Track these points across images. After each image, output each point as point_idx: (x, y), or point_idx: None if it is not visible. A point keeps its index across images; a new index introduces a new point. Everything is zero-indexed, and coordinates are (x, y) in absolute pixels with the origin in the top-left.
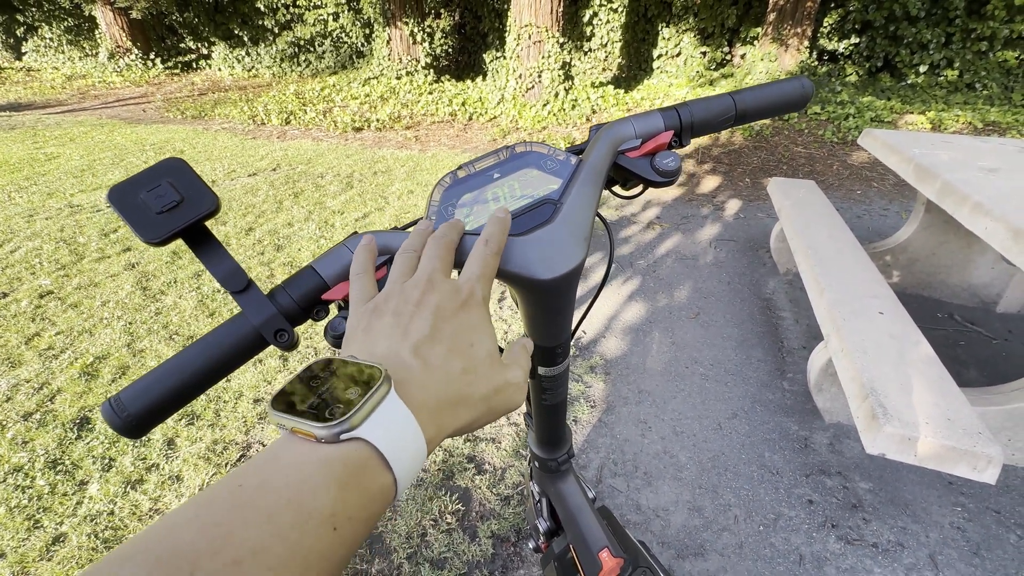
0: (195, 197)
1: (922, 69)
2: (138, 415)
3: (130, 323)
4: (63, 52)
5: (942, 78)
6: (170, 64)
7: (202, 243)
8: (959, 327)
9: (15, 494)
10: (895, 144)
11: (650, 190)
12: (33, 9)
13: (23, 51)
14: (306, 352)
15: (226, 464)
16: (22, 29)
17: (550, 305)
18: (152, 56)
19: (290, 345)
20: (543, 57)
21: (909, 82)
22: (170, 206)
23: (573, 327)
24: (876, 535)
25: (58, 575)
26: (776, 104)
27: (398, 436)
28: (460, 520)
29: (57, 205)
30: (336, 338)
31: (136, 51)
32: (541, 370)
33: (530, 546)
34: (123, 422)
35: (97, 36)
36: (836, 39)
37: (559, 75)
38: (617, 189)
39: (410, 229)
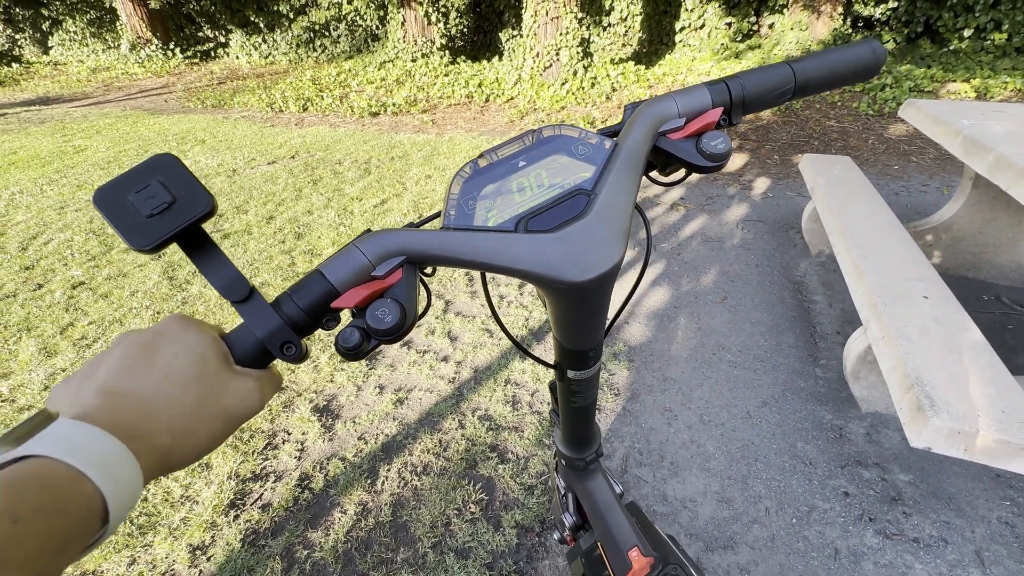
0: (188, 197)
1: (967, 33)
2: None
3: (158, 312)
4: (87, 45)
5: (989, 42)
6: (189, 53)
7: (198, 248)
8: (1007, 310)
9: None
10: (940, 115)
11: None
12: (57, 3)
13: (49, 45)
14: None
15: (252, 452)
16: (47, 24)
17: (583, 308)
18: (172, 46)
19: (298, 358)
20: (561, 34)
21: (952, 48)
22: (161, 208)
23: (606, 327)
24: (917, 529)
25: (96, 560)
26: (842, 73)
27: (83, 447)
28: (484, 509)
29: (86, 197)
30: (348, 350)
31: (156, 41)
32: (571, 373)
33: (555, 537)
34: None
35: (118, 28)
36: (872, 4)
37: (578, 52)
38: (655, 175)
39: (426, 226)
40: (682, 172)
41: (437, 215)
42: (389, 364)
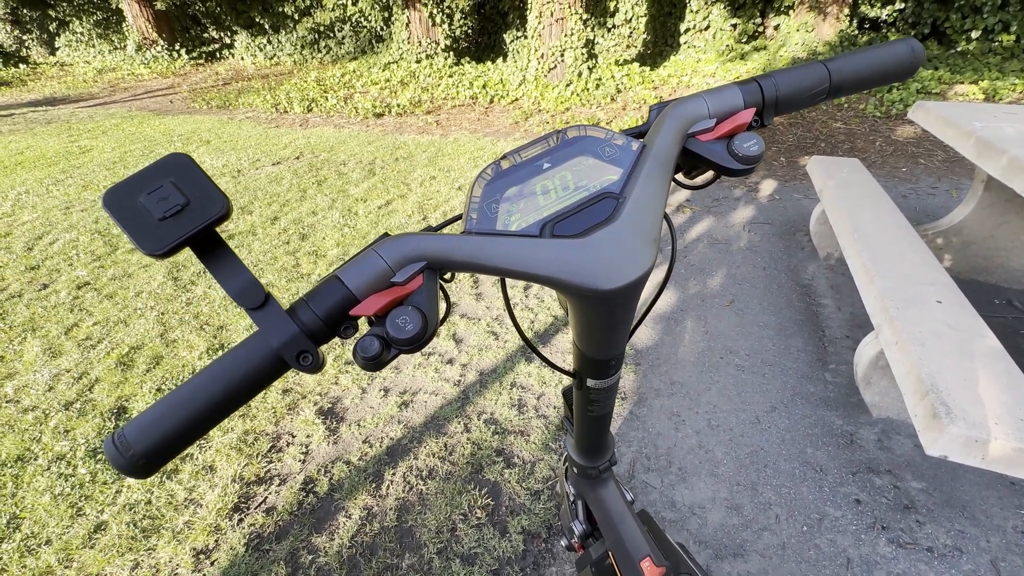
0: (202, 199)
1: (974, 35)
2: (145, 453)
3: (162, 313)
4: (93, 46)
5: (996, 44)
6: (195, 55)
7: (212, 252)
8: (1019, 314)
9: (59, 482)
10: (952, 117)
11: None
12: (64, 4)
13: (56, 46)
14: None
15: (256, 455)
16: (54, 24)
17: (608, 317)
18: (177, 47)
19: (315, 368)
20: (565, 35)
21: (959, 49)
22: (174, 210)
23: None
24: (931, 538)
25: (100, 563)
26: (879, 72)
27: None
28: (490, 515)
29: (91, 197)
30: (368, 360)
31: (162, 42)
32: (591, 382)
33: (562, 544)
34: (128, 462)
35: (124, 29)
36: (879, 5)
37: (582, 53)
38: (680, 177)
39: (445, 230)
40: (709, 175)
41: (457, 218)
42: (394, 366)
